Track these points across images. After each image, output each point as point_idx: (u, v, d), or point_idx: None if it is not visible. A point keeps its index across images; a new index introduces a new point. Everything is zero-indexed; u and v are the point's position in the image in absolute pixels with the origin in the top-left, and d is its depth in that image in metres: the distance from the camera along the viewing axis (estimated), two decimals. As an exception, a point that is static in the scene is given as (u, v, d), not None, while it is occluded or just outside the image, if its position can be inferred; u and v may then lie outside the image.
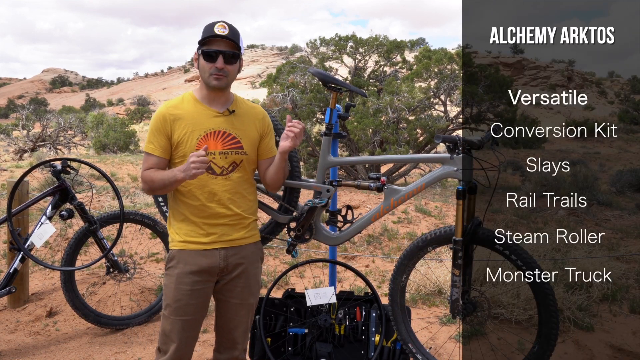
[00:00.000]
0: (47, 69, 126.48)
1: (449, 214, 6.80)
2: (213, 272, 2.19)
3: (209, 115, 2.17)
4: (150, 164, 2.16)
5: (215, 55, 2.10)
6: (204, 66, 2.12)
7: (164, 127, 2.14)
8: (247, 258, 2.26)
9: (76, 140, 23.05)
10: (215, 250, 2.18)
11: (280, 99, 12.94)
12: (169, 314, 2.19)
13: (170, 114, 2.15)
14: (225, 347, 2.33)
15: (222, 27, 2.11)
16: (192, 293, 2.16)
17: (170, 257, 2.22)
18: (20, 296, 4.09)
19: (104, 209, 6.81)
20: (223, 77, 2.12)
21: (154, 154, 2.16)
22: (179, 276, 2.16)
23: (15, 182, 3.62)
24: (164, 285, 2.24)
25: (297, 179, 2.66)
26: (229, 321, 2.30)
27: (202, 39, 2.12)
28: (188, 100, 2.21)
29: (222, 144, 2.16)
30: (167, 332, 2.20)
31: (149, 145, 2.17)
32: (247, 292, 2.28)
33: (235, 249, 2.22)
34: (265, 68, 72.00)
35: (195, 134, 2.14)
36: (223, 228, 2.19)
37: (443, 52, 13.28)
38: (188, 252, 2.18)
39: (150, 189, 2.17)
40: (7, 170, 11.48)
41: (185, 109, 2.17)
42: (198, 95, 2.21)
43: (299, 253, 2.95)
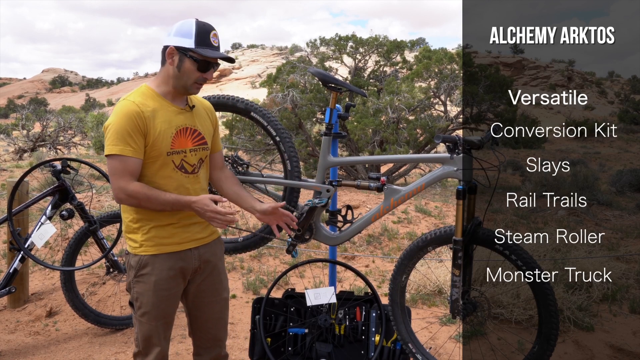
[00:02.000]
0: (47, 69, 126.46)
1: (449, 214, 6.80)
2: (187, 273, 2.17)
3: (175, 112, 2.09)
4: (130, 171, 1.97)
5: (209, 66, 2.06)
6: (191, 72, 2.03)
7: (141, 126, 1.98)
8: (216, 254, 2.27)
9: (76, 140, 23.05)
10: (189, 250, 2.15)
11: (280, 99, 12.93)
12: (147, 321, 2.12)
13: (143, 112, 1.99)
14: (207, 347, 2.32)
15: (216, 37, 2.06)
16: (169, 297, 2.14)
17: (141, 264, 2.09)
18: (20, 296, 4.09)
19: (104, 209, 6.81)
20: (201, 85, 2.11)
21: (133, 157, 1.97)
22: (157, 283, 2.09)
23: (15, 182, 3.62)
24: (137, 292, 2.12)
25: (297, 179, 2.66)
26: (207, 321, 2.28)
27: (200, 49, 2.01)
28: (151, 95, 2.07)
29: (192, 141, 2.12)
30: (147, 337, 2.15)
31: (125, 147, 1.95)
32: (220, 288, 2.28)
33: (206, 246, 2.22)
34: (265, 68, 71.98)
35: (169, 132, 2.05)
36: (195, 226, 2.17)
37: (443, 52, 13.28)
38: (163, 257, 2.10)
39: (138, 205, 2.02)
40: (7, 170, 11.47)
41: (153, 105, 2.05)
42: (160, 91, 2.09)
43: (299, 253, 2.95)
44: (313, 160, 13.05)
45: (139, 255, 2.10)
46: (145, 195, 1.98)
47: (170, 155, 2.06)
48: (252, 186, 2.73)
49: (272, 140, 2.67)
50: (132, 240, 2.13)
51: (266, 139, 11.66)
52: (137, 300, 2.14)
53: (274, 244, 5.38)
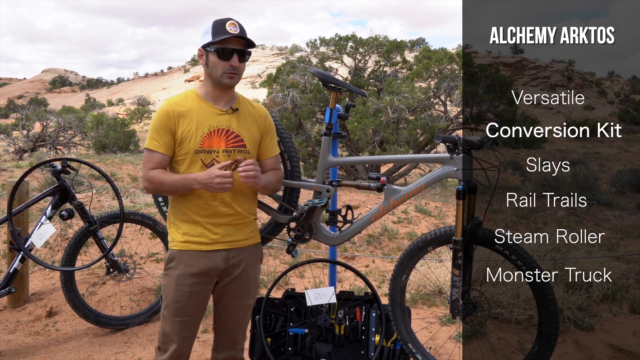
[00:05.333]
0: (47, 69, 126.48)
1: (449, 214, 6.80)
2: (213, 273, 2.19)
3: (213, 113, 2.16)
4: (154, 162, 2.12)
5: (230, 53, 2.10)
6: (217, 64, 2.10)
7: (168, 124, 2.11)
8: (247, 260, 2.26)
9: (76, 140, 23.07)
10: (217, 251, 2.17)
11: (280, 99, 12.94)
12: (168, 315, 2.19)
13: (174, 111, 2.12)
14: (224, 347, 2.34)
15: (234, 26, 2.11)
16: (191, 294, 2.16)
17: (170, 257, 2.19)
18: (20, 296, 4.08)
19: (104, 209, 6.81)
20: (236, 76, 2.13)
21: (158, 151, 2.12)
22: (179, 277, 2.15)
23: (15, 182, 3.62)
24: (163, 285, 2.22)
25: (297, 179, 2.66)
26: (227, 321, 2.30)
27: (216, 38, 2.09)
28: (191, 97, 2.19)
29: (226, 142, 2.15)
30: (166, 333, 2.20)
31: (152, 142, 2.12)
32: (246, 293, 2.28)
33: (237, 250, 2.21)
34: (265, 68, 71.95)
35: (200, 131, 2.12)
36: (226, 228, 2.18)
37: (443, 52, 13.29)
38: (189, 253, 2.16)
39: (156, 190, 2.15)
40: (7, 170, 11.47)
41: (188, 106, 2.15)
42: (201, 92, 2.20)
43: (299, 253, 2.95)
44: (313, 160, 13.06)
45: (171, 249, 2.21)
46: (159, 180, 2.10)
47: (198, 154, 2.11)
48: (252, 186, 2.73)
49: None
50: (169, 235, 2.24)
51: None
52: (163, 293, 2.22)
53: (274, 244, 5.37)
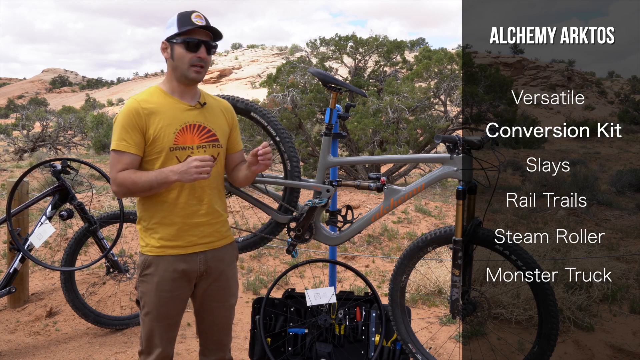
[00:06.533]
0: (47, 69, 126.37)
1: (449, 214, 6.80)
2: (192, 276, 2.15)
3: (182, 109, 2.10)
4: (123, 164, 2.00)
5: (197, 45, 2.05)
6: (183, 56, 2.04)
7: (138, 123, 2.01)
8: (225, 260, 2.23)
9: (76, 140, 23.06)
10: (195, 254, 2.13)
11: (280, 99, 12.94)
12: (150, 320, 2.14)
13: (143, 108, 2.03)
14: (212, 350, 2.32)
15: (199, 18, 2.06)
16: (172, 298, 2.13)
17: (146, 264, 2.11)
18: (20, 296, 4.08)
19: (104, 209, 6.80)
20: (202, 69, 2.08)
21: (128, 152, 2.00)
22: (159, 284, 2.10)
23: (15, 182, 3.62)
24: (141, 292, 2.15)
25: (297, 179, 2.66)
26: (212, 324, 2.28)
27: (182, 29, 2.03)
28: (157, 93, 2.11)
29: (200, 138, 2.10)
30: (149, 337, 2.16)
31: (120, 142, 2.00)
32: (227, 294, 2.26)
33: (214, 251, 2.18)
34: (265, 68, 71.93)
35: (172, 128, 2.05)
36: (202, 229, 2.13)
37: (443, 52, 13.29)
38: (166, 259, 2.09)
39: (129, 192, 2.02)
40: (7, 170, 11.47)
41: (157, 102, 2.07)
42: (166, 88, 2.12)
43: (299, 253, 2.95)
44: (313, 160, 13.06)
45: (145, 254, 2.13)
46: (131, 180, 1.99)
47: (173, 151, 2.05)
48: (252, 186, 2.73)
49: (272, 140, 2.67)
50: (141, 239, 2.16)
51: (266, 139, 11.66)
52: (141, 299, 2.17)
53: (274, 244, 5.37)
